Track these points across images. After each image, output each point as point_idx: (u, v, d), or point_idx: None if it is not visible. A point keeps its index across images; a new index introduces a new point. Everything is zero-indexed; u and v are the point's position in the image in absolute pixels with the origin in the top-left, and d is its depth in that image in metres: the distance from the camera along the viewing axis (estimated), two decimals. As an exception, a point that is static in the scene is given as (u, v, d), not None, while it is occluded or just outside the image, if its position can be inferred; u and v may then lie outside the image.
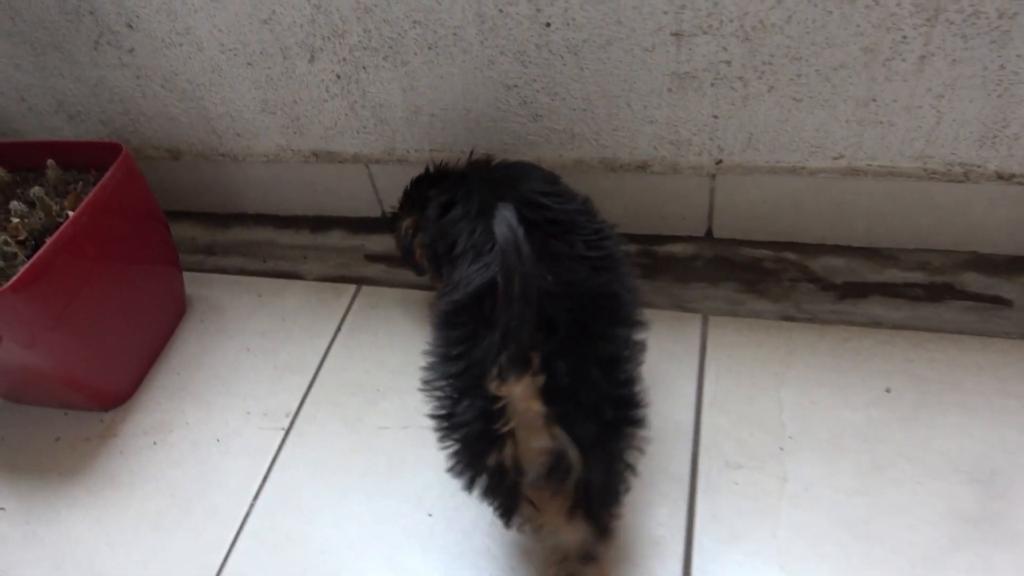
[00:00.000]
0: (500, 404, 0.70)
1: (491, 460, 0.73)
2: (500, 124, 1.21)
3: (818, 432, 1.00)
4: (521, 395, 0.69)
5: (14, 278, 0.98)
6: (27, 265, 1.01)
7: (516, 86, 1.14)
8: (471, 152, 1.16)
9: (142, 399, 1.24)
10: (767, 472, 0.97)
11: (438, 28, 1.11)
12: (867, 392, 1.03)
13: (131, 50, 1.29)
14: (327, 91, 1.25)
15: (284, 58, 1.22)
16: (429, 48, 1.14)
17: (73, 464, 1.17)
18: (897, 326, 1.09)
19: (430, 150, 1.29)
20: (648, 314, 0.82)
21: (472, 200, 0.92)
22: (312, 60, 1.21)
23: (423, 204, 1.04)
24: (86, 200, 1.10)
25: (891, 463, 0.95)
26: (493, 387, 0.69)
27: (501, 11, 1.05)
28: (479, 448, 0.73)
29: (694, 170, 1.18)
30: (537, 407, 0.70)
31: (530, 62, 1.11)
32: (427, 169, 1.13)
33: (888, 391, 1.02)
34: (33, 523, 1.11)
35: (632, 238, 1.29)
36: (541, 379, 0.69)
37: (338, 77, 1.22)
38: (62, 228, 1.06)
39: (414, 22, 1.11)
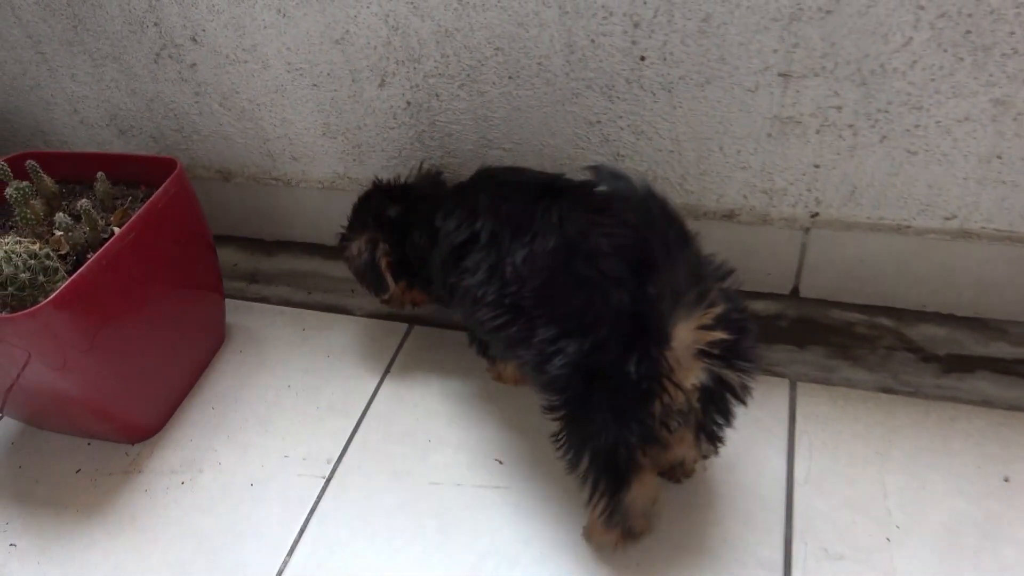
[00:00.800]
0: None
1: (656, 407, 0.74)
2: (577, 161, 1.13)
3: (930, 523, 0.88)
4: (689, 335, 0.71)
5: (54, 294, 0.91)
6: (68, 281, 0.93)
7: (599, 122, 1.07)
8: (420, 164, 1.14)
9: (172, 434, 1.15)
10: (873, 566, 0.85)
11: (522, 57, 1.04)
12: (983, 480, 0.91)
13: (192, 65, 1.23)
14: (394, 118, 1.18)
15: (353, 81, 1.16)
16: (510, 78, 1.07)
17: (93, 500, 1.08)
18: (1012, 407, 0.98)
19: (497, 186, 1.21)
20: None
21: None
22: (382, 85, 1.14)
23: (378, 222, 1.08)
24: (135, 216, 1.03)
25: (1018, 566, 0.83)
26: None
27: (593, 41, 0.99)
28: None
29: (786, 222, 1.09)
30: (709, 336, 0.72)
31: (618, 97, 1.03)
32: (375, 185, 1.12)
33: (1007, 480, 0.91)
34: (45, 564, 1.01)
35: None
36: (719, 308, 0.71)
37: (408, 104, 1.15)
38: (107, 244, 0.99)
39: (496, 49, 1.04)
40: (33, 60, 1.34)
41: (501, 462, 1.03)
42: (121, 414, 1.11)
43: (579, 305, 0.78)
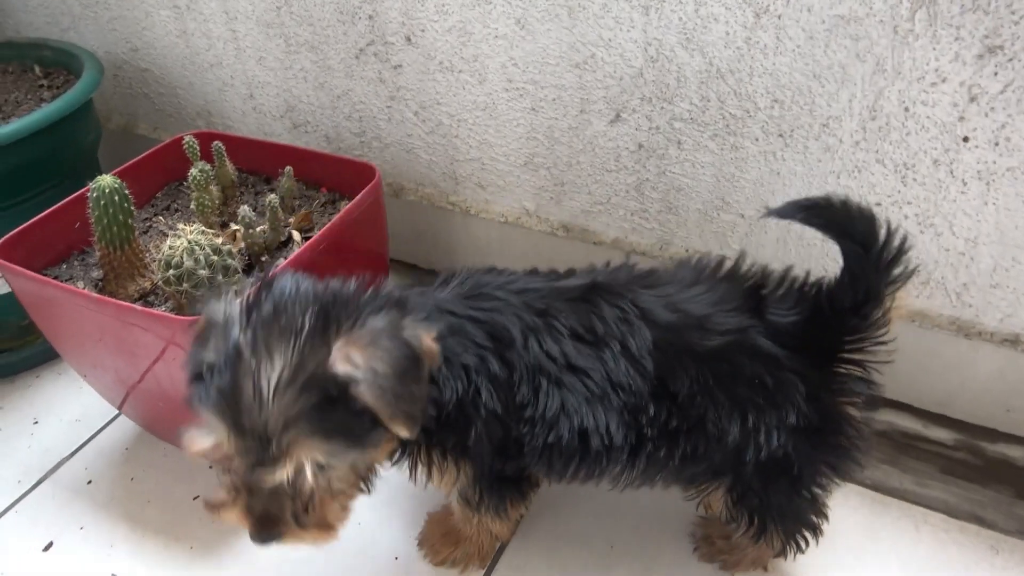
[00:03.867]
0: None
1: None
2: (827, 245, 0.96)
3: None
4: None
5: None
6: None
7: (879, 204, 0.90)
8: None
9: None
10: None
11: (803, 115, 0.88)
12: None
13: (397, 67, 1.11)
14: (616, 160, 1.03)
15: (580, 111, 1.02)
16: (779, 136, 0.91)
17: (209, 538, 0.92)
18: None
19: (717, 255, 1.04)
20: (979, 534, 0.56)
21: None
22: (615, 121, 1.00)
23: None
24: (329, 224, 0.89)
25: None
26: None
27: (907, 110, 0.82)
28: None
29: (1089, 362, 0.89)
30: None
31: (915, 180, 0.86)
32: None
33: None
34: (148, 607, 0.86)
35: (952, 423, 1.00)
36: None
37: (639, 147, 1.00)
38: (298, 253, 0.85)
39: (775, 100, 0.89)
40: (222, 36, 1.24)
41: (705, 593, 0.84)
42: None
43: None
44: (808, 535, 0.78)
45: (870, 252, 0.63)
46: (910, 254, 0.65)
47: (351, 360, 0.56)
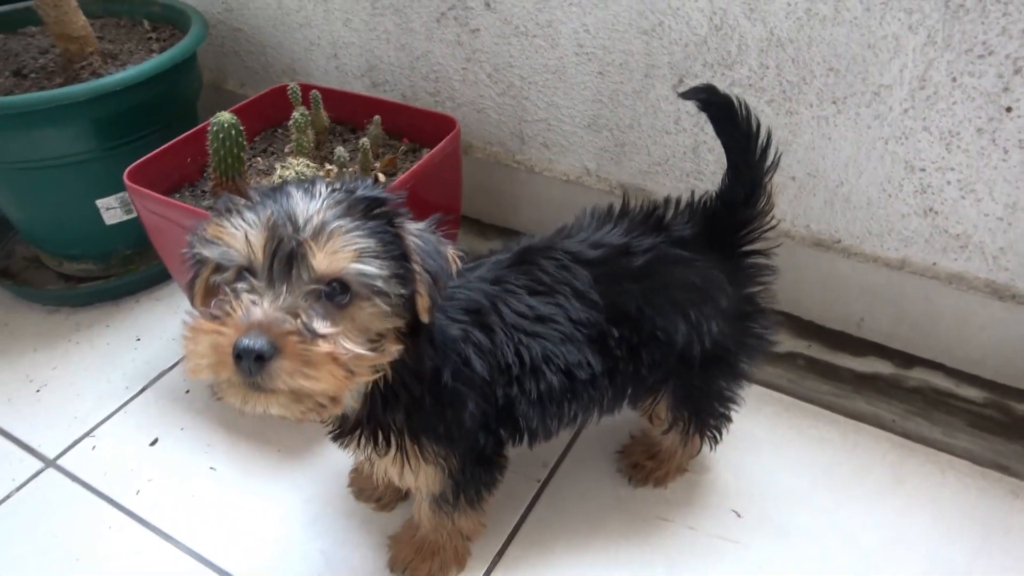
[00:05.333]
0: None
1: None
2: (874, 208, 1.03)
3: None
4: None
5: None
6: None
7: (924, 170, 0.96)
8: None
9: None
10: None
11: (857, 83, 0.95)
12: None
13: (475, 30, 1.20)
14: (676, 123, 1.11)
15: (645, 76, 1.09)
16: (832, 102, 0.98)
17: (295, 444, 1.04)
18: None
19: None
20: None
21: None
22: (678, 85, 1.07)
23: None
24: (413, 168, 0.99)
25: None
26: None
27: (954, 80, 0.88)
28: None
29: (1117, 326, 0.94)
30: None
31: (958, 148, 0.92)
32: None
33: None
34: (247, 495, 0.97)
35: (983, 383, 1.06)
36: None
37: (699, 111, 1.08)
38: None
39: (830, 69, 0.95)
40: (313, -1, 1.34)
41: (740, 515, 0.93)
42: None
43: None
44: (724, 427, 0.89)
45: (750, 139, 0.74)
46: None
47: (403, 225, 0.60)
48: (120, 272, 1.29)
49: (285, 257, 0.55)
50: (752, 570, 0.87)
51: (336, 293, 0.56)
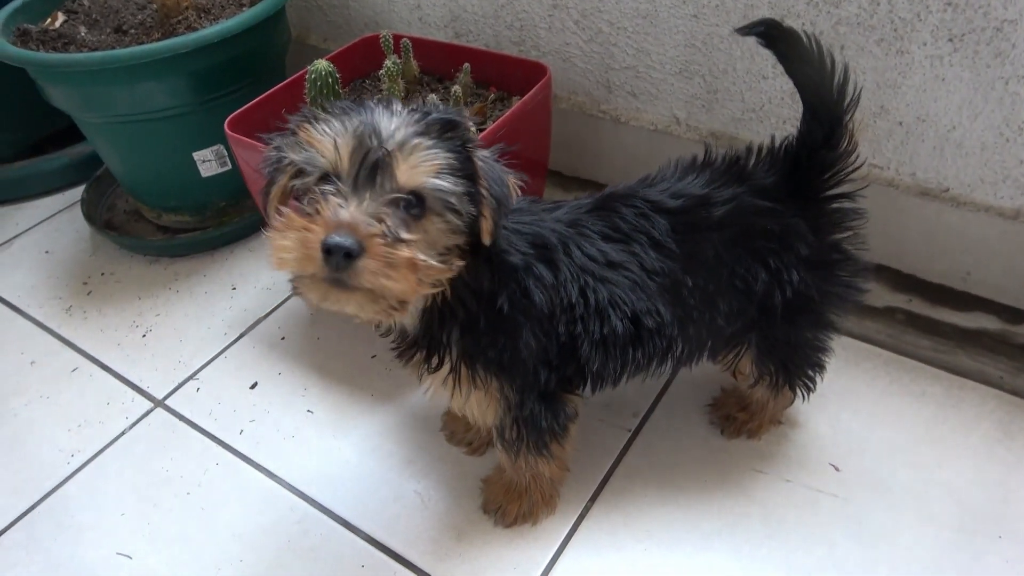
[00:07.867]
0: None
1: None
2: (989, 154, 0.97)
3: None
4: None
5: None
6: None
7: (1049, 111, 0.90)
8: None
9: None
10: None
11: (978, 19, 0.89)
12: None
13: (563, -25, 1.18)
14: (774, 67, 1.07)
15: (744, 17, 1.05)
16: (949, 40, 0.92)
17: (387, 389, 1.06)
18: None
19: (870, 164, 1.07)
20: None
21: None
22: (778, 26, 1.03)
23: None
24: (506, 115, 0.98)
25: None
26: None
27: (1091, 11, 0.82)
28: None
29: None
30: None
31: (1091, 85, 0.86)
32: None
33: None
34: (340, 439, 1.01)
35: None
36: None
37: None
38: (479, 137, 0.94)
39: (947, 4, 0.90)
40: (397, -52, 1.34)
41: (838, 469, 0.91)
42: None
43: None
44: (817, 376, 0.87)
45: (824, 76, 0.70)
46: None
47: (474, 149, 0.62)
48: (215, 224, 1.33)
49: (371, 166, 0.58)
50: (851, 524, 0.86)
51: (413, 205, 0.59)
